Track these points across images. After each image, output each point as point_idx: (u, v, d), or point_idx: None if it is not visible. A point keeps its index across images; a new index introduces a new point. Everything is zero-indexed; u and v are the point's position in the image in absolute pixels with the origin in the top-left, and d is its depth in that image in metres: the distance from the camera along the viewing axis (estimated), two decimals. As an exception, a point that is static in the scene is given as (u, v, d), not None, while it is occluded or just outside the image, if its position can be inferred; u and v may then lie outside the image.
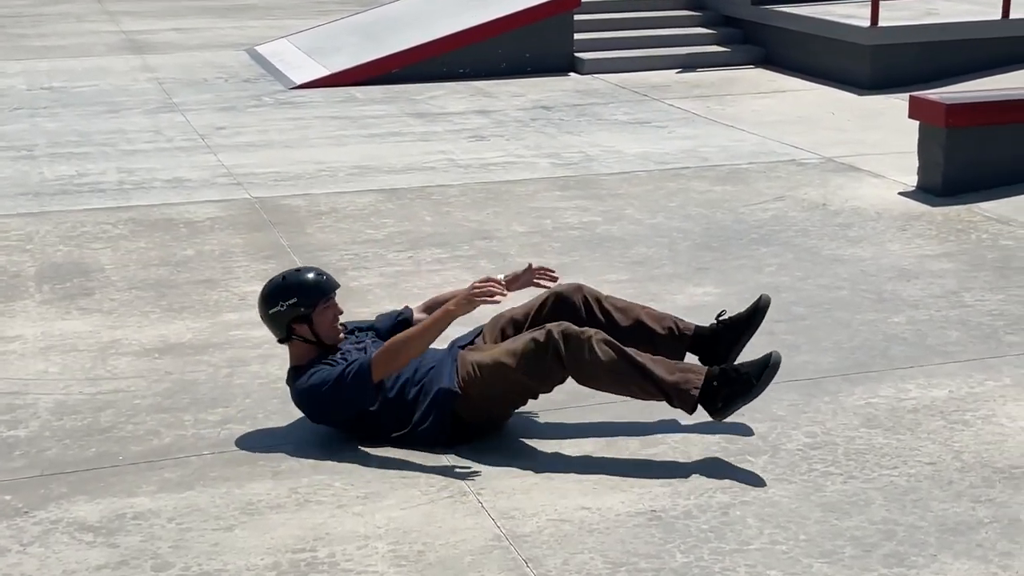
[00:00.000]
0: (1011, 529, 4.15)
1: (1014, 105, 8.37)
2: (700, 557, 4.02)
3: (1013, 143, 8.25)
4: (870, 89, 11.68)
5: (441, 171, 9.07)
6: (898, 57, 11.79)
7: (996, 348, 5.70)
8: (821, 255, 7.07)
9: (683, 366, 4.74)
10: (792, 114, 10.88)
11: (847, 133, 10.12)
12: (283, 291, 4.85)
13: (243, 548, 4.10)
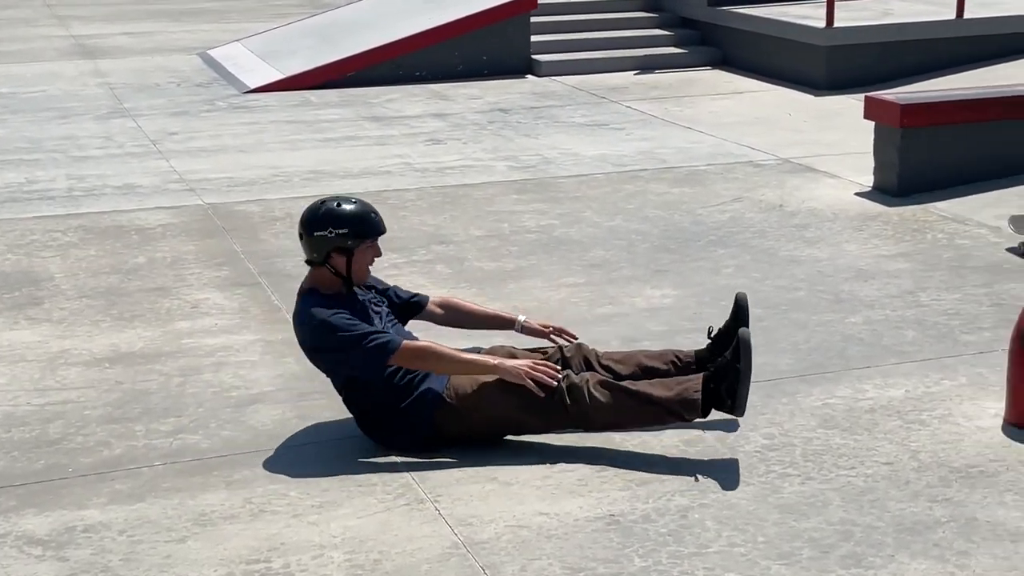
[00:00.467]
0: (967, 529, 4.17)
1: (968, 105, 8.44)
2: (659, 561, 4.02)
3: (968, 143, 8.31)
4: (826, 90, 11.74)
5: (397, 175, 9.04)
6: (854, 58, 11.86)
7: (952, 347, 5.74)
8: (778, 256, 7.10)
9: (679, 379, 4.74)
10: (749, 115, 10.92)
11: (804, 134, 10.17)
12: (336, 218, 4.74)
13: (196, 560, 4.06)
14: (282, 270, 6.94)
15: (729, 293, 6.44)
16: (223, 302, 6.48)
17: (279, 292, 6.59)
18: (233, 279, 6.82)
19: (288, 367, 5.61)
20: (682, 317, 6.18)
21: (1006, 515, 4.25)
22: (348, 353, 4.65)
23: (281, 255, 7.20)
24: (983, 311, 6.18)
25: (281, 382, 5.46)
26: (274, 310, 6.34)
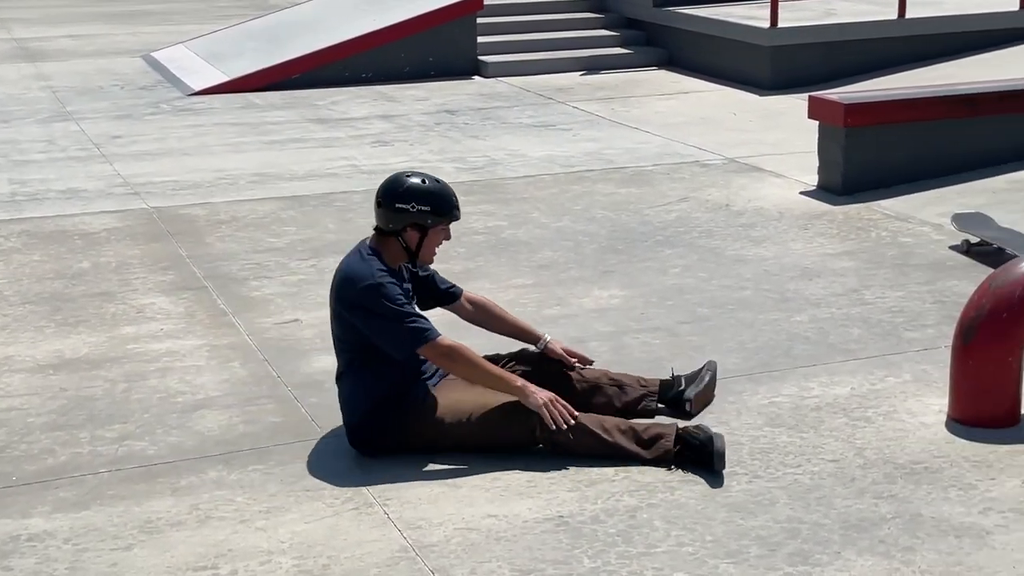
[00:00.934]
0: (912, 524, 4.21)
1: (911, 104, 8.52)
2: (607, 562, 4.03)
3: (911, 141, 8.40)
4: (771, 89, 11.84)
5: (344, 177, 9.02)
6: (798, 58, 11.96)
7: (896, 345, 5.79)
8: (725, 256, 7.14)
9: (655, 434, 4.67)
10: (695, 115, 10.98)
11: (749, 134, 10.24)
12: (422, 195, 4.72)
13: (142, 567, 4.03)
14: (227, 274, 6.90)
15: (676, 293, 6.52)
16: (169, 307, 6.43)
17: (225, 296, 6.55)
18: (179, 283, 6.78)
19: (235, 372, 5.58)
20: (630, 318, 6.20)
21: (950, 511, 4.30)
22: (387, 323, 4.60)
23: (226, 258, 7.16)
24: (927, 308, 6.24)
25: (228, 387, 5.43)
26: (220, 314, 6.31)
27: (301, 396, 5.32)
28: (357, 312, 4.65)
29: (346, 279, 4.69)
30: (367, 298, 4.61)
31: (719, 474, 4.55)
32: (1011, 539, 4.11)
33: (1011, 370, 4.89)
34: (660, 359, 5.60)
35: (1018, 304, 4.84)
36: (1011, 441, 4.79)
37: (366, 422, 4.71)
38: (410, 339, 4.62)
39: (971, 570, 3.93)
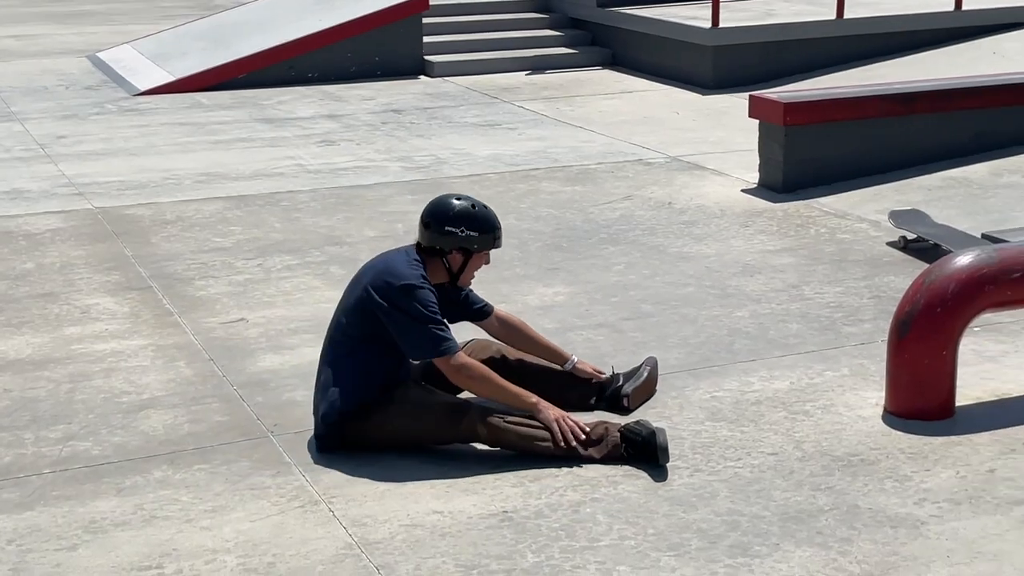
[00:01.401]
0: (849, 516, 4.26)
1: (849, 103, 8.60)
2: (551, 556, 4.04)
3: (849, 139, 8.47)
4: (713, 89, 11.90)
5: (290, 177, 8.98)
6: (739, 57, 12.03)
7: (835, 339, 5.84)
8: (668, 253, 7.17)
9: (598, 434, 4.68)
10: (638, 114, 11.03)
11: (691, 132, 10.30)
12: (474, 221, 4.76)
13: (87, 567, 4.00)
14: (173, 274, 6.86)
15: (620, 290, 6.55)
16: (113, 307, 6.38)
17: (170, 296, 6.51)
18: (124, 284, 6.72)
19: (180, 372, 5.55)
20: (574, 314, 6.22)
21: (886, 501, 4.35)
22: (415, 324, 4.61)
23: (172, 258, 7.12)
24: (864, 303, 6.30)
25: (173, 387, 5.39)
26: (165, 314, 6.26)
27: (247, 395, 5.30)
28: (388, 307, 4.63)
29: (387, 273, 4.70)
30: (403, 296, 4.63)
31: (662, 468, 4.58)
32: (945, 529, 4.17)
33: (945, 364, 4.95)
34: (604, 355, 5.62)
35: (951, 299, 4.90)
36: (945, 433, 4.85)
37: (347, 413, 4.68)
38: (431, 346, 4.64)
39: (906, 560, 3.98)
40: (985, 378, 5.34)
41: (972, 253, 5.06)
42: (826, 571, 3.92)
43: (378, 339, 4.67)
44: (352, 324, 4.73)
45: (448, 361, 4.66)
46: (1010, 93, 8.84)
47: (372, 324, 4.68)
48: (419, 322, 4.62)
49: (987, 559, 3.98)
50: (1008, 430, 4.86)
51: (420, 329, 4.63)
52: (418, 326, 4.63)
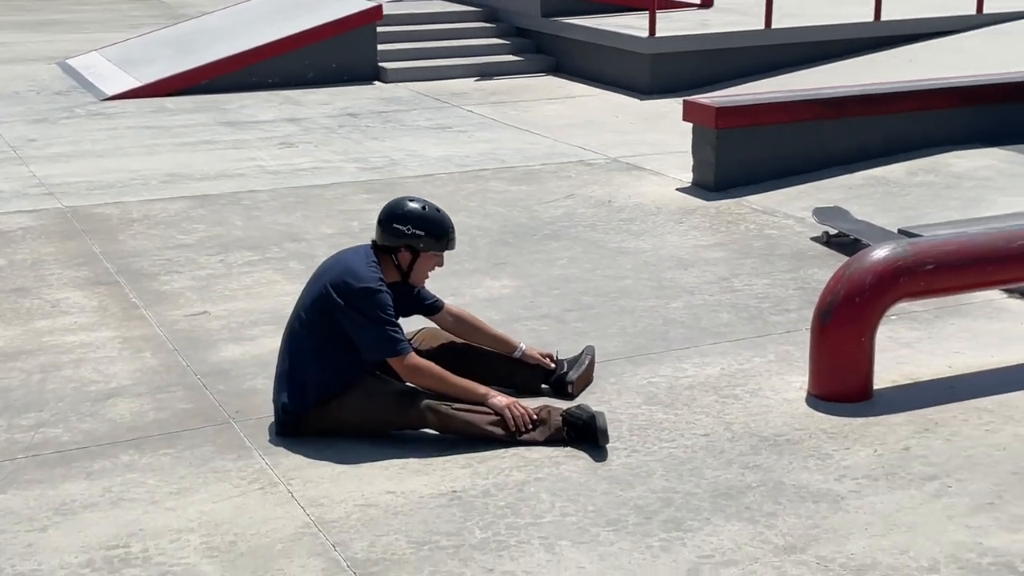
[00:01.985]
0: (775, 492, 4.30)
1: (776, 107, 8.65)
2: (497, 532, 4.05)
3: (776, 141, 8.52)
4: (650, 94, 11.93)
5: (251, 177, 8.93)
6: (674, 65, 12.07)
7: (762, 327, 5.89)
8: (607, 248, 7.20)
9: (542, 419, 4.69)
10: (580, 118, 11.04)
11: (630, 135, 10.32)
12: (420, 221, 4.75)
13: (57, 547, 3.97)
14: (139, 269, 6.81)
15: (563, 283, 6.57)
16: (82, 301, 6.32)
17: (136, 290, 6.46)
18: (92, 279, 6.66)
19: (146, 361, 5.51)
20: (519, 306, 6.23)
21: (808, 478, 4.39)
22: (372, 326, 4.60)
23: (138, 255, 7.06)
24: (789, 294, 6.35)
25: (139, 376, 5.36)
26: (132, 307, 6.22)
27: (209, 384, 5.27)
28: (347, 308, 4.62)
29: (347, 274, 4.67)
30: (361, 298, 4.61)
31: (601, 449, 4.60)
32: (863, 503, 4.22)
33: (864, 350, 5.00)
34: (547, 344, 5.63)
35: (870, 290, 4.95)
36: (864, 414, 4.90)
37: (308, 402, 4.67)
38: (385, 347, 4.63)
39: (827, 532, 4.03)
40: (901, 363, 5.40)
41: (888, 247, 5.11)
42: (753, 544, 3.96)
43: (337, 334, 4.66)
44: (312, 318, 4.71)
45: (401, 362, 4.66)
46: (924, 98, 8.93)
47: (331, 320, 4.67)
48: (375, 324, 4.62)
49: (902, 531, 4.04)
50: (922, 411, 4.93)
51: (376, 331, 4.62)
52: (374, 328, 4.62)
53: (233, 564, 3.87)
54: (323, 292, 4.68)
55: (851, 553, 3.90)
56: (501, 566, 3.85)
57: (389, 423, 4.72)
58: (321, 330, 4.69)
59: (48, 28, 16.82)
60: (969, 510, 4.16)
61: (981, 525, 4.06)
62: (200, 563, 3.88)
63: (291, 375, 4.72)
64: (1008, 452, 4.57)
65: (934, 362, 5.42)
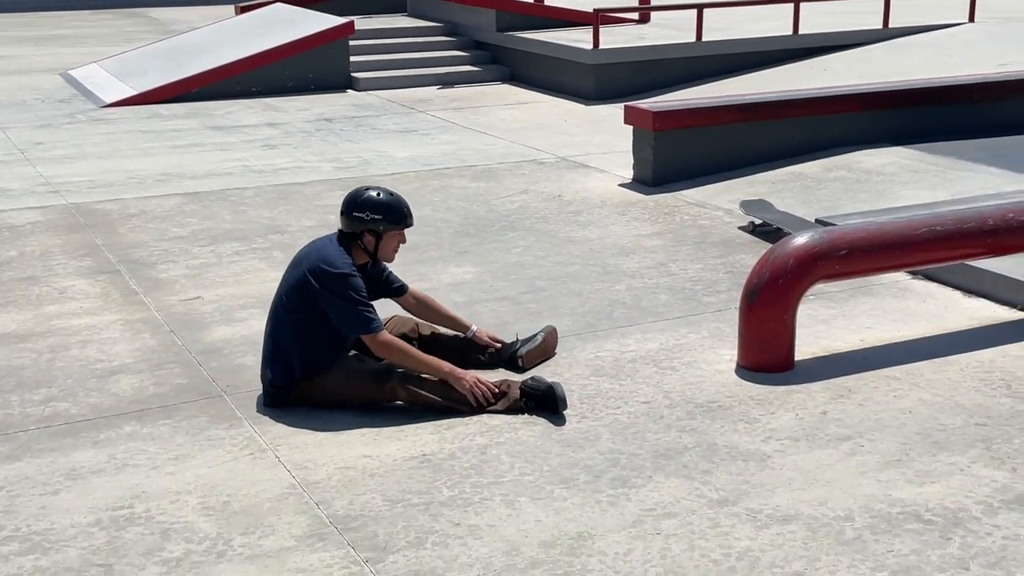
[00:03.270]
0: (709, 452, 4.33)
1: (707, 111, 8.68)
2: (463, 490, 4.06)
3: (707, 142, 8.55)
4: (595, 100, 11.95)
5: (238, 176, 8.86)
6: (616, 73, 12.10)
7: (696, 307, 5.92)
8: (558, 237, 7.21)
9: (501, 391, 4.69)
10: (533, 122, 11.04)
11: (577, 137, 10.33)
12: (375, 206, 4.72)
13: (68, 509, 3.94)
14: (138, 259, 6.75)
15: (519, 268, 6.57)
16: (87, 288, 6.26)
17: (135, 278, 6.41)
18: (95, 268, 6.60)
19: (145, 342, 5.47)
20: (480, 290, 6.23)
21: (738, 440, 4.43)
22: (348, 306, 4.57)
23: (136, 246, 7.00)
24: (720, 277, 6.39)
25: (139, 355, 5.32)
26: (131, 293, 6.16)
27: (203, 361, 5.24)
28: (325, 292, 4.60)
29: (323, 261, 4.65)
30: (337, 283, 4.59)
31: (556, 415, 4.62)
32: (786, 461, 4.26)
33: (786, 326, 5.04)
34: (506, 323, 5.65)
35: (791, 273, 4.99)
36: (786, 383, 4.94)
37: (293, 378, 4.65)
38: (360, 325, 4.62)
39: (755, 487, 4.07)
40: (819, 337, 5.45)
41: (807, 235, 5.15)
42: (690, 498, 3.99)
43: (316, 315, 4.65)
44: (292, 302, 4.69)
45: (375, 338, 4.65)
46: (838, 103, 8.99)
47: (310, 303, 4.65)
48: (351, 305, 4.60)
49: (821, 485, 4.08)
50: (837, 379, 4.97)
51: (351, 311, 4.61)
52: (349, 307, 4.61)
53: (227, 521, 3.86)
54: (302, 278, 4.66)
55: (776, 505, 3.94)
56: (467, 520, 3.86)
57: (366, 397, 4.70)
58: (302, 312, 4.67)
59: (51, 42, 16.59)
60: (879, 466, 4.21)
61: (890, 479, 4.11)
62: (197, 521, 3.87)
63: (276, 353, 4.70)
64: (913, 415, 4.63)
65: (848, 336, 5.47)
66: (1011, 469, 4.17)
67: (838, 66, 12.07)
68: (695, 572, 3.56)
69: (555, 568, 3.59)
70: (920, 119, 9.15)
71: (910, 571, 3.55)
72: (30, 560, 3.65)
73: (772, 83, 11.33)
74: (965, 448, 4.33)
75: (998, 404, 4.70)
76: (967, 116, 9.24)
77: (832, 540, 3.72)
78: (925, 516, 3.86)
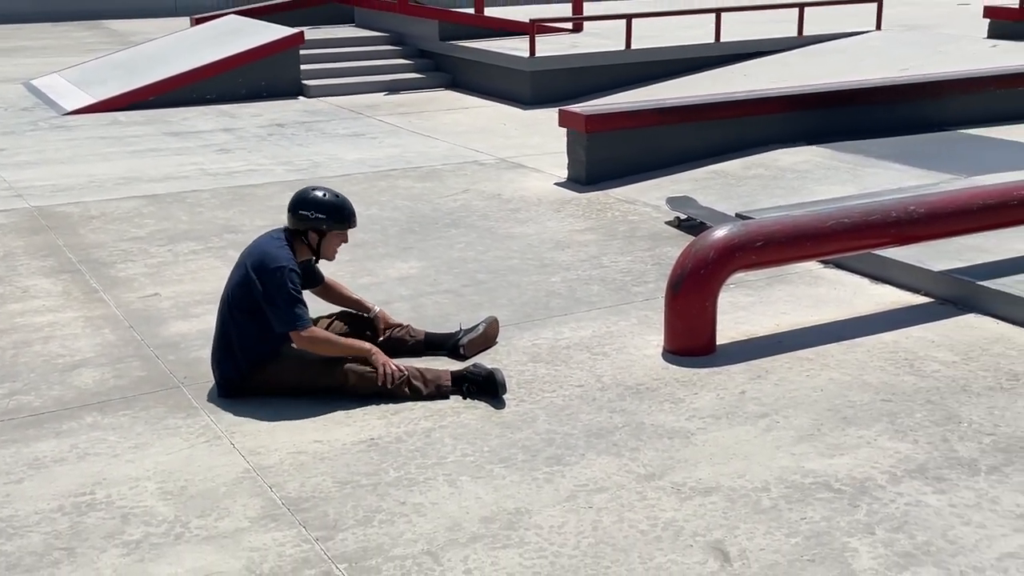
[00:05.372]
0: (637, 431, 4.37)
1: (635, 114, 8.73)
2: (409, 471, 4.07)
3: (636, 142, 8.58)
4: (531, 105, 11.96)
5: (194, 179, 8.76)
6: (551, 80, 12.11)
7: (626, 297, 5.96)
8: (497, 233, 7.21)
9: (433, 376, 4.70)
10: (474, 126, 11.03)
11: (515, 139, 10.34)
12: (320, 206, 4.68)
13: (32, 496, 3.89)
14: (98, 259, 6.66)
15: (461, 263, 6.58)
16: (49, 287, 6.16)
17: (96, 277, 6.32)
18: (57, 268, 6.50)
19: (105, 337, 5.40)
20: (425, 283, 6.23)
21: (664, 419, 4.47)
22: (279, 300, 4.53)
23: (96, 247, 6.90)
24: (648, 269, 6.43)
25: (100, 349, 5.25)
26: (92, 291, 6.08)
27: (161, 355, 5.19)
28: (260, 285, 4.57)
29: (265, 256, 4.61)
30: (273, 276, 4.55)
31: (495, 399, 4.63)
32: (708, 438, 4.31)
33: (708, 313, 5.09)
34: (449, 315, 5.65)
35: (712, 263, 5.04)
36: (709, 365, 5.00)
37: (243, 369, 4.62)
38: (288, 321, 4.57)
39: (680, 462, 4.11)
40: (738, 322, 5.51)
41: (727, 227, 5.21)
42: (620, 474, 4.03)
43: (261, 310, 4.61)
44: (239, 298, 4.66)
45: (299, 333, 4.59)
46: (756, 105, 9.09)
47: (253, 299, 4.61)
48: (284, 300, 4.56)
49: (740, 459, 4.14)
50: (755, 361, 5.03)
51: (283, 307, 4.56)
52: (282, 303, 4.56)
53: (184, 505, 3.83)
54: (245, 274, 4.64)
55: (699, 478, 3.99)
56: (412, 499, 3.87)
57: (315, 385, 4.68)
58: (249, 306, 4.63)
59: (14, 54, 16.27)
60: (793, 440, 4.27)
61: (803, 452, 4.18)
62: (156, 505, 3.83)
63: (225, 347, 4.68)
64: (824, 393, 4.70)
65: (765, 321, 5.53)
66: (913, 441, 4.26)
67: (757, 71, 12.19)
68: (624, 542, 3.59)
69: (494, 541, 3.60)
70: (832, 120, 9.27)
71: (821, 536, 3.62)
72: (-5, 546, 3.60)
73: (696, 88, 11.41)
74: (871, 422, 4.41)
75: (902, 382, 4.80)
76: (874, 117, 9.39)
77: (750, 509, 3.78)
78: (835, 486, 3.93)
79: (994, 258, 6.00)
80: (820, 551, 3.53)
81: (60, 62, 14.70)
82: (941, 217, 5.59)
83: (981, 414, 4.46)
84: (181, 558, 3.53)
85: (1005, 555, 3.51)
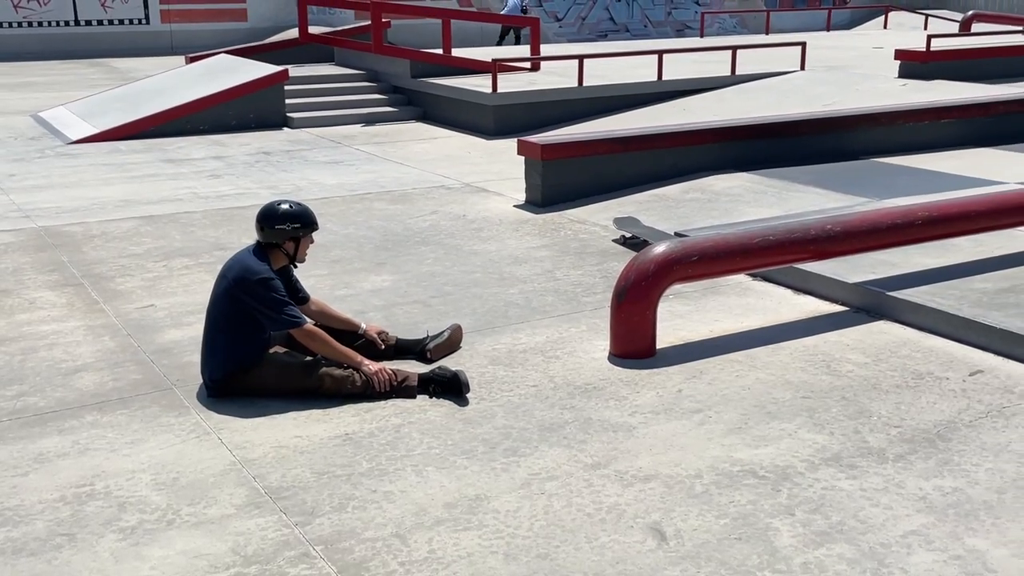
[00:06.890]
0: (586, 425, 4.40)
1: (587, 144, 8.78)
2: (380, 463, 4.08)
3: (587, 169, 8.63)
4: (494, 135, 12.00)
5: (187, 201, 8.72)
6: (512, 113, 12.16)
7: (577, 307, 6.00)
8: (463, 250, 7.24)
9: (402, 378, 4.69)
10: (442, 154, 11.05)
11: (479, 166, 10.37)
12: (293, 217, 4.69)
13: (36, 488, 3.87)
14: (99, 274, 6.61)
15: (429, 277, 6.59)
16: (54, 299, 6.12)
17: (97, 289, 6.28)
18: (61, 281, 6.45)
19: (105, 344, 5.37)
20: (397, 295, 6.23)
21: (609, 415, 4.51)
22: (274, 306, 4.52)
23: (98, 263, 6.85)
24: (597, 281, 6.48)
25: (100, 355, 5.22)
26: (93, 303, 6.04)
27: (155, 360, 5.17)
28: (250, 297, 4.55)
29: (246, 271, 4.60)
30: (260, 288, 4.55)
31: (460, 398, 4.65)
32: (649, 431, 4.35)
33: (648, 320, 5.13)
34: (418, 322, 5.66)
35: (652, 276, 5.08)
36: (649, 367, 5.03)
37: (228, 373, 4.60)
38: (286, 321, 4.57)
39: (623, 453, 4.15)
40: (676, 329, 5.55)
41: (665, 244, 5.25)
42: (570, 463, 4.06)
43: (243, 318, 4.61)
44: (223, 308, 4.65)
45: (302, 330, 4.62)
46: (693, 136, 9.16)
47: (237, 308, 4.60)
48: (275, 304, 4.57)
49: (677, 449, 4.18)
50: (690, 363, 5.08)
51: (276, 311, 4.57)
52: (275, 308, 4.57)
53: (176, 494, 3.82)
54: (229, 287, 4.62)
55: (640, 467, 4.03)
56: (382, 487, 3.88)
57: (296, 387, 4.67)
58: (232, 315, 4.62)
59: (24, 88, 16.11)
60: (724, 433, 4.32)
61: (732, 444, 4.23)
62: (150, 495, 3.82)
63: (211, 352, 4.66)
64: (752, 391, 4.76)
65: (700, 328, 5.58)
66: (829, 433, 4.32)
67: (695, 106, 12.30)
68: (572, 524, 3.62)
69: (456, 524, 3.62)
70: (761, 150, 9.39)
71: (747, 518, 3.67)
72: (2, 532, 3.57)
73: (641, 120, 11.49)
74: (793, 417, 4.48)
75: (820, 381, 4.87)
76: (798, 147, 9.51)
77: (684, 494, 3.82)
78: (760, 473, 3.98)
79: (902, 271, 6.10)
80: (746, 531, 3.58)
81: (66, 96, 14.58)
82: (855, 235, 5.67)
83: (889, 409, 4.54)
84: (172, 542, 3.52)
85: (909, 532, 3.58)
